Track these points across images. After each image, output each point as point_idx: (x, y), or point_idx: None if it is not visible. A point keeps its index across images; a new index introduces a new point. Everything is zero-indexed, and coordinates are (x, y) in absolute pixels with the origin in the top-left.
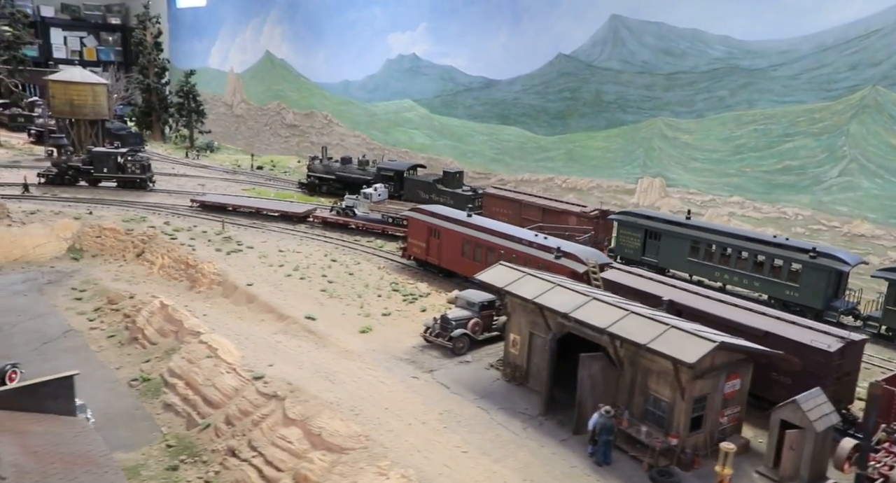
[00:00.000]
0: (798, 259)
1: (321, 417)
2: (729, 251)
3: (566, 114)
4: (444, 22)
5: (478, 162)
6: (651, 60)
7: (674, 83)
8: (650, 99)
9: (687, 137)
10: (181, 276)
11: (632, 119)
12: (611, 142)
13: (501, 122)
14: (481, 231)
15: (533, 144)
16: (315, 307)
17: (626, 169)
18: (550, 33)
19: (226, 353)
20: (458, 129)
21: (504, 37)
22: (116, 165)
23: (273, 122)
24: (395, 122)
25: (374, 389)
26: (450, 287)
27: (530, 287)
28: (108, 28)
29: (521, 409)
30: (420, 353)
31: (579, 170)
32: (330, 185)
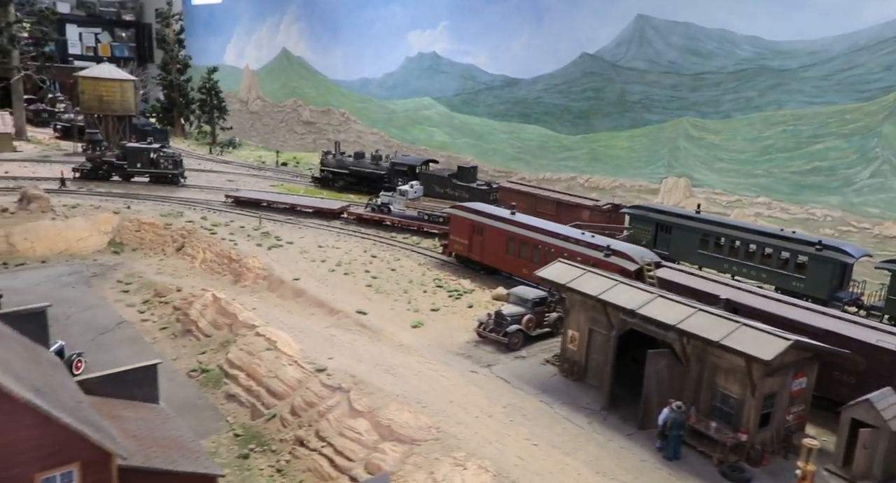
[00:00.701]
0: (804, 251)
1: (389, 409)
2: (737, 244)
3: (589, 113)
4: (465, 21)
5: (498, 160)
6: (677, 60)
7: (700, 83)
8: (676, 99)
9: (713, 138)
10: (224, 270)
11: (657, 119)
12: (635, 141)
13: (523, 120)
14: (526, 228)
15: (555, 143)
16: (364, 302)
17: (651, 169)
18: (574, 33)
19: (285, 346)
20: (478, 128)
21: (526, 36)
22: (149, 161)
23: (289, 118)
24: (413, 120)
25: (435, 383)
26: (493, 284)
27: (593, 284)
28: (122, 24)
29: (584, 404)
30: (475, 348)
31: (602, 169)
32: (344, 179)
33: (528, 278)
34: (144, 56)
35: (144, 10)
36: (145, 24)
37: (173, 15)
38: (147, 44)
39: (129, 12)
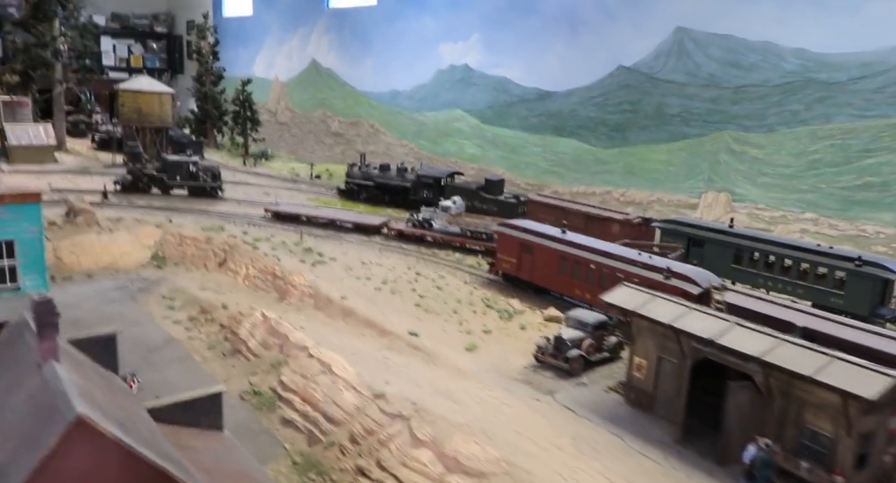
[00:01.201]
0: (843, 267)
1: (453, 440)
2: (772, 259)
3: (626, 126)
4: (498, 33)
5: (531, 173)
6: (718, 73)
7: (743, 96)
8: (717, 112)
9: (756, 152)
10: (268, 286)
11: (696, 132)
12: (673, 155)
13: (557, 133)
14: (580, 248)
15: (590, 157)
16: (414, 322)
17: (690, 183)
18: (610, 45)
19: (340, 369)
20: (510, 140)
21: (561, 48)
22: (189, 173)
23: (317, 129)
24: (444, 132)
25: (498, 411)
26: (543, 304)
27: (663, 310)
28: (154, 36)
29: (656, 437)
30: (533, 374)
31: (639, 183)
32: (369, 191)
33: (580, 299)
34: (175, 67)
35: (176, 21)
36: (176, 36)
37: (209, 27)
38: (178, 55)
39: (161, 24)
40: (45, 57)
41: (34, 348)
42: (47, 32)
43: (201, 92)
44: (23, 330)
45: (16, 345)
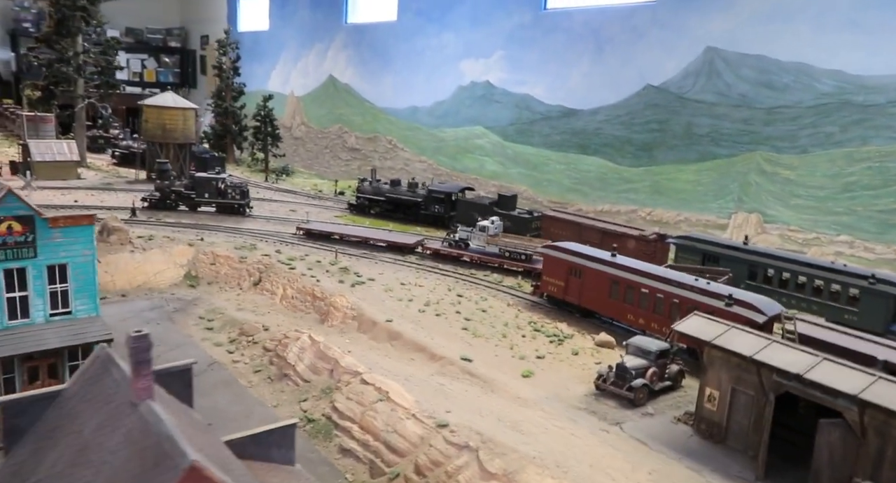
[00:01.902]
0: (857, 284)
1: (527, 473)
2: (787, 276)
3: (653, 145)
4: (522, 50)
5: (554, 191)
6: (749, 94)
7: (775, 117)
8: (747, 133)
9: (788, 173)
10: (308, 308)
11: (726, 153)
12: (702, 175)
13: (581, 151)
14: (633, 273)
15: (615, 175)
16: (464, 347)
17: (719, 203)
18: (637, 64)
19: (398, 397)
20: (532, 158)
21: (586, 66)
22: (217, 191)
23: (334, 145)
24: (464, 149)
25: (567, 443)
26: (592, 328)
27: (742, 342)
28: (167, 51)
29: (734, 473)
30: (595, 402)
31: (666, 202)
32: (380, 206)
33: (633, 325)
34: (189, 82)
35: (189, 36)
36: (190, 51)
37: (230, 43)
38: (191, 70)
39: (175, 39)
40: (68, 73)
41: (123, 384)
42: (70, 48)
43: (221, 107)
44: (107, 364)
45: (102, 380)
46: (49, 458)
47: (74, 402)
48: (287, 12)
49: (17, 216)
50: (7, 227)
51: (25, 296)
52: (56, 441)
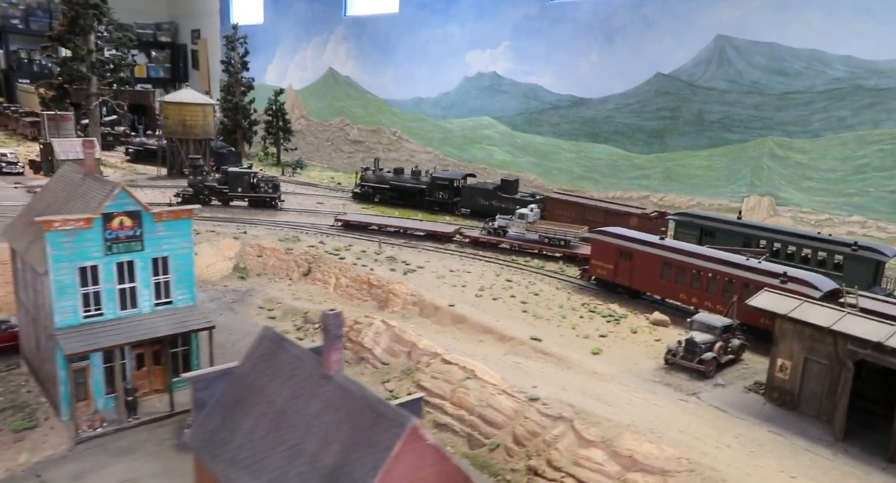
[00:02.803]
0: (841, 252)
1: (624, 439)
2: (777, 246)
3: (664, 132)
4: (529, 41)
5: (564, 179)
6: (761, 80)
7: (787, 103)
8: (759, 118)
9: (800, 157)
10: (364, 295)
11: (738, 138)
12: (714, 161)
13: (591, 139)
14: (684, 254)
15: (626, 162)
16: (529, 328)
17: (731, 188)
18: (647, 53)
19: (484, 374)
20: (542, 147)
21: (595, 56)
22: (250, 185)
23: (336, 137)
24: (471, 139)
25: (652, 412)
26: (643, 308)
27: (817, 314)
28: (158, 46)
29: (814, 435)
30: (667, 375)
31: (678, 188)
32: (384, 193)
33: (685, 304)
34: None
35: (179, 31)
36: (180, 46)
37: (238, 38)
38: (182, 64)
39: (165, 33)
40: (82, 71)
41: (305, 360)
42: (84, 46)
43: (231, 102)
44: (278, 343)
45: (278, 357)
46: (244, 425)
47: (253, 378)
48: (282, 5)
49: (128, 211)
50: (119, 222)
51: (134, 287)
52: (245, 411)
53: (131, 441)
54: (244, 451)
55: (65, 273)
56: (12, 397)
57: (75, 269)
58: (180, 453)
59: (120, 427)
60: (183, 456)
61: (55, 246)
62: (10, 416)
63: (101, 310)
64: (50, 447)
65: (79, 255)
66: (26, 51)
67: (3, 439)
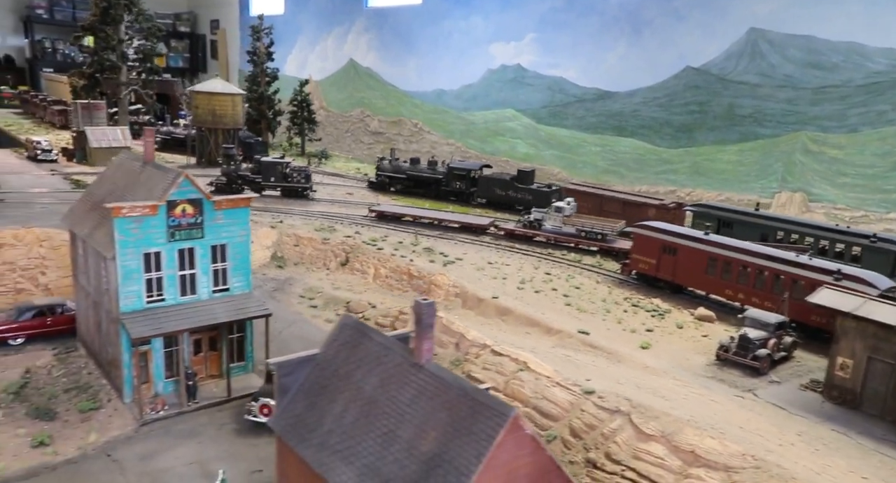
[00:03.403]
0: (859, 243)
1: (685, 434)
2: (795, 237)
3: (692, 126)
4: (555, 33)
5: (588, 173)
6: (796, 74)
7: (822, 97)
8: (792, 113)
9: (836, 152)
10: (404, 286)
11: (770, 133)
12: (744, 156)
13: (617, 133)
14: (731, 250)
15: (653, 156)
16: (574, 321)
17: (761, 183)
18: (676, 46)
19: (537, 366)
20: (566, 140)
21: (622, 49)
22: (282, 175)
23: (355, 129)
24: (494, 132)
25: (710, 408)
26: (686, 303)
27: (884, 312)
28: (177, 36)
29: (880, 435)
30: (719, 371)
31: (706, 183)
32: (401, 183)
33: (731, 300)
34: (198, 66)
35: (199, 21)
36: (199, 35)
37: (264, 29)
38: (201, 54)
39: (184, 23)
40: (113, 60)
41: (392, 348)
42: (114, 35)
43: (256, 93)
44: (360, 331)
45: (362, 345)
46: (332, 411)
47: (338, 365)
48: None
49: (190, 199)
50: (182, 209)
51: (193, 274)
52: (332, 397)
53: (192, 424)
54: (334, 437)
55: (130, 258)
56: (75, 379)
57: (140, 255)
58: (242, 437)
59: (181, 411)
60: (245, 440)
61: (122, 232)
62: (74, 396)
63: (163, 295)
64: (116, 428)
65: (144, 241)
66: (50, 40)
67: (71, 419)
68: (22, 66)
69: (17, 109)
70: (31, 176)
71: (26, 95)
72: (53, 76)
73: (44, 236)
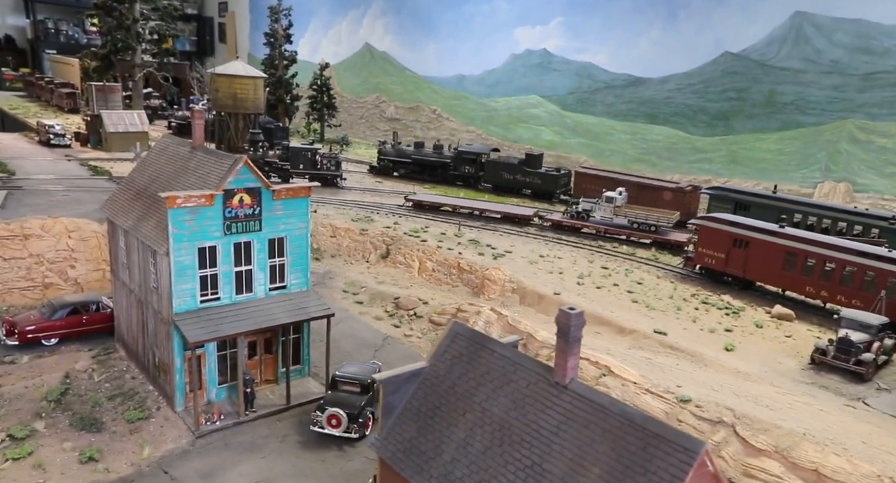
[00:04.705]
0: (878, 225)
1: (803, 449)
2: (812, 220)
3: (729, 114)
4: (583, 17)
5: (617, 161)
6: (843, 59)
7: (872, 83)
8: (839, 100)
9: (885, 141)
10: (454, 280)
11: (813, 121)
12: (784, 144)
13: (649, 121)
14: (812, 244)
15: (686, 145)
16: (646, 320)
17: (803, 173)
18: (714, 30)
19: (621, 371)
20: (594, 127)
21: (656, 33)
22: (311, 162)
23: (370, 114)
24: (517, 118)
25: (821, 419)
26: (758, 301)
27: None
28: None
29: None
30: (817, 376)
31: (744, 172)
32: (405, 167)
33: (811, 297)
34: (205, 50)
35: (206, 3)
36: (206, 18)
37: (283, 10)
38: (209, 37)
39: (192, 5)
40: (128, 41)
41: (522, 363)
42: (129, 15)
43: (275, 76)
44: (478, 340)
45: (481, 357)
46: (453, 437)
47: (452, 381)
48: None
49: (248, 188)
50: (239, 199)
51: (250, 270)
52: (450, 420)
53: (252, 436)
54: (460, 468)
55: (185, 254)
56: (118, 384)
57: (195, 250)
58: (309, 451)
59: (238, 421)
60: (313, 454)
61: (177, 224)
62: (119, 404)
63: (218, 294)
64: (170, 441)
65: (199, 234)
66: (53, 21)
67: (119, 429)
68: (23, 47)
69: (21, 92)
70: (46, 161)
71: (31, 78)
72: (60, 58)
73: (72, 227)
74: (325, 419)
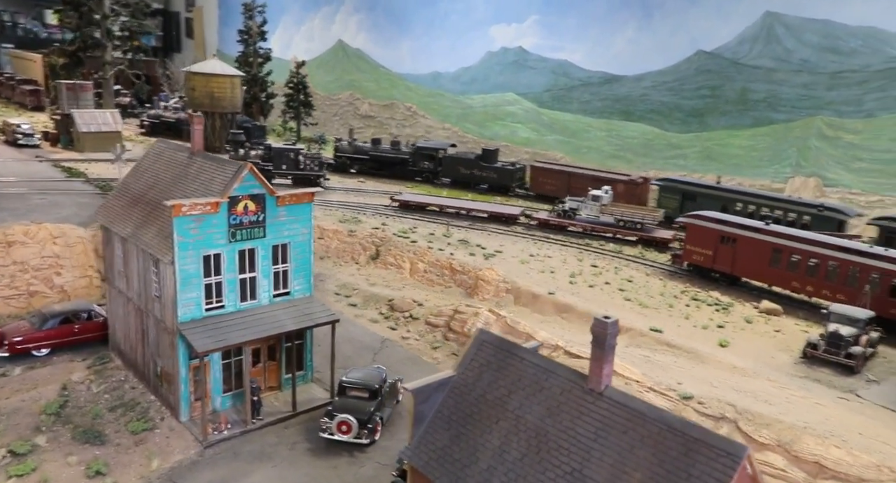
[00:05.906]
0: (809, 212)
1: (805, 443)
2: (752, 208)
3: (704, 111)
4: (559, 15)
5: (593, 158)
6: (812, 58)
7: (839, 82)
8: (808, 97)
9: (852, 137)
10: (446, 281)
11: (784, 118)
12: (757, 140)
13: (624, 118)
14: (798, 241)
15: (662, 141)
16: (641, 318)
17: (775, 168)
18: (688, 30)
19: (623, 369)
20: (570, 125)
21: (631, 32)
22: (294, 162)
23: (344, 112)
24: (494, 116)
25: (818, 412)
26: (745, 296)
27: None
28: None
29: None
30: (809, 370)
31: (718, 168)
32: (362, 164)
33: (798, 292)
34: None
35: None
36: (173, 13)
37: (257, 6)
38: (175, 33)
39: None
40: (97, 37)
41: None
42: (98, 9)
43: (249, 74)
44: (506, 348)
45: (511, 365)
46: (488, 445)
47: (482, 389)
48: None
49: (252, 195)
50: (244, 206)
51: (254, 277)
52: (484, 427)
53: (261, 444)
54: (498, 475)
55: (190, 262)
56: (118, 395)
57: (199, 258)
58: (319, 458)
59: (245, 429)
60: (324, 462)
61: (182, 232)
62: (121, 415)
63: (223, 302)
64: (178, 452)
65: (204, 242)
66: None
67: (123, 442)
68: None
69: None
70: (16, 163)
71: None
72: (20, 53)
73: (57, 232)
74: (335, 425)
